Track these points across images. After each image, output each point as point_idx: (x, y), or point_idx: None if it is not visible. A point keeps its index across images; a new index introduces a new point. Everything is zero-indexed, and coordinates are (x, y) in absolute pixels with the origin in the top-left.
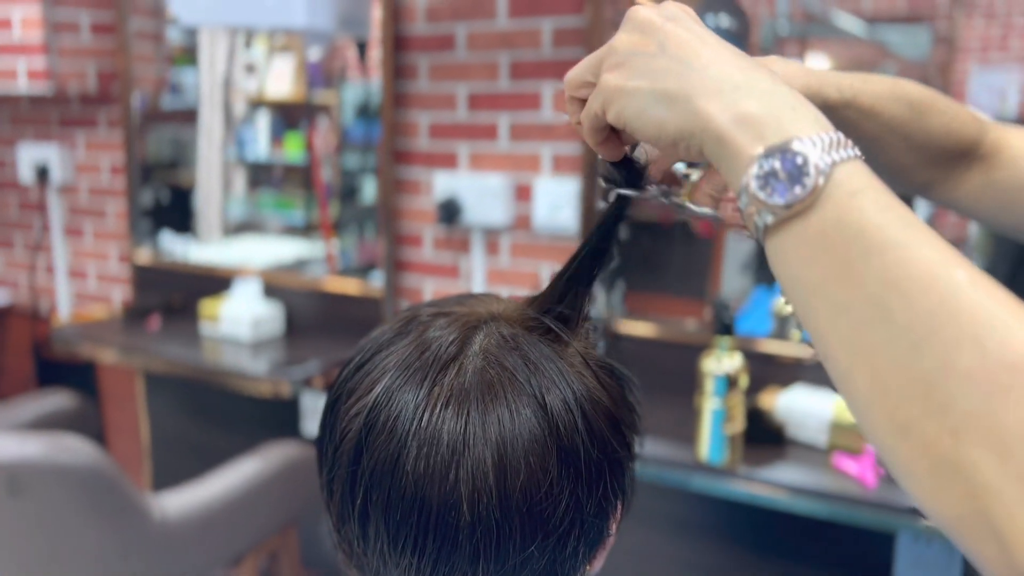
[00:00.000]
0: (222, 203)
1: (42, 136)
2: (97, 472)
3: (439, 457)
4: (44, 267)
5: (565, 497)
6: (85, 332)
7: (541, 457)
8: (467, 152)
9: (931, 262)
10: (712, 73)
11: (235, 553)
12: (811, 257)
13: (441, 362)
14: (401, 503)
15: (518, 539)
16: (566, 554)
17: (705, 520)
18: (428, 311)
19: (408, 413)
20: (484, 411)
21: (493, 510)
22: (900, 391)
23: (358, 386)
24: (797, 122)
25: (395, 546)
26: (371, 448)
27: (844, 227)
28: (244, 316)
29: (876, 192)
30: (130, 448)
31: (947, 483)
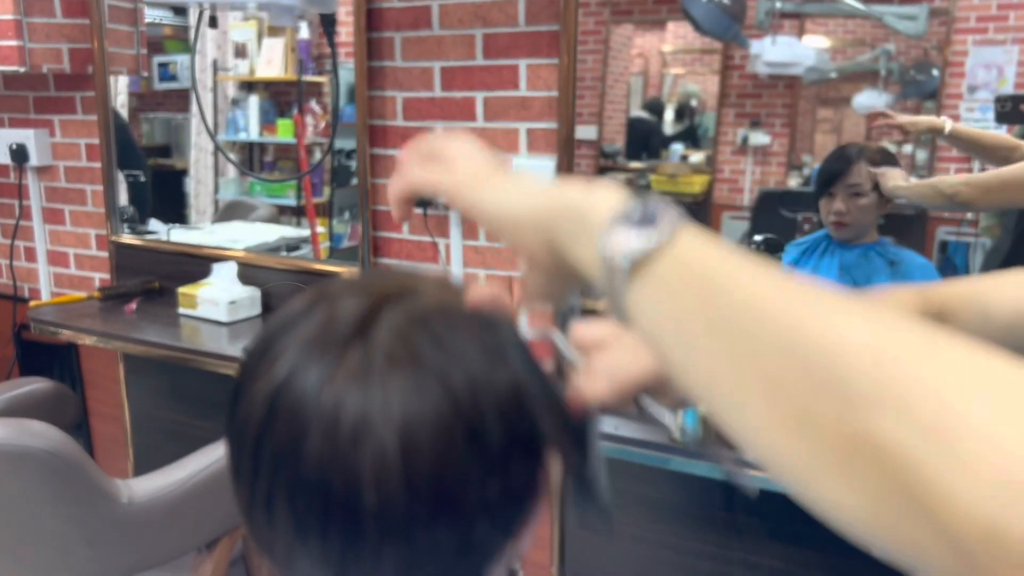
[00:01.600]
0: (214, 186)
1: (18, 118)
2: (60, 456)
3: (341, 440)
4: (24, 250)
5: (472, 478)
6: (63, 314)
7: (446, 439)
8: (443, 130)
9: (777, 283)
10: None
11: (208, 537)
12: (668, 301)
13: (345, 338)
14: (304, 489)
15: (425, 521)
16: (477, 535)
17: (682, 500)
18: (337, 287)
19: (310, 394)
20: (387, 390)
21: (398, 493)
22: (786, 391)
23: (261, 368)
24: (634, 196)
25: (300, 532)
26: (273, 432)
27: (694, 268)
28: (221, 299)
29: (712, 241)
30: (113, 431)
31: (860, 465)
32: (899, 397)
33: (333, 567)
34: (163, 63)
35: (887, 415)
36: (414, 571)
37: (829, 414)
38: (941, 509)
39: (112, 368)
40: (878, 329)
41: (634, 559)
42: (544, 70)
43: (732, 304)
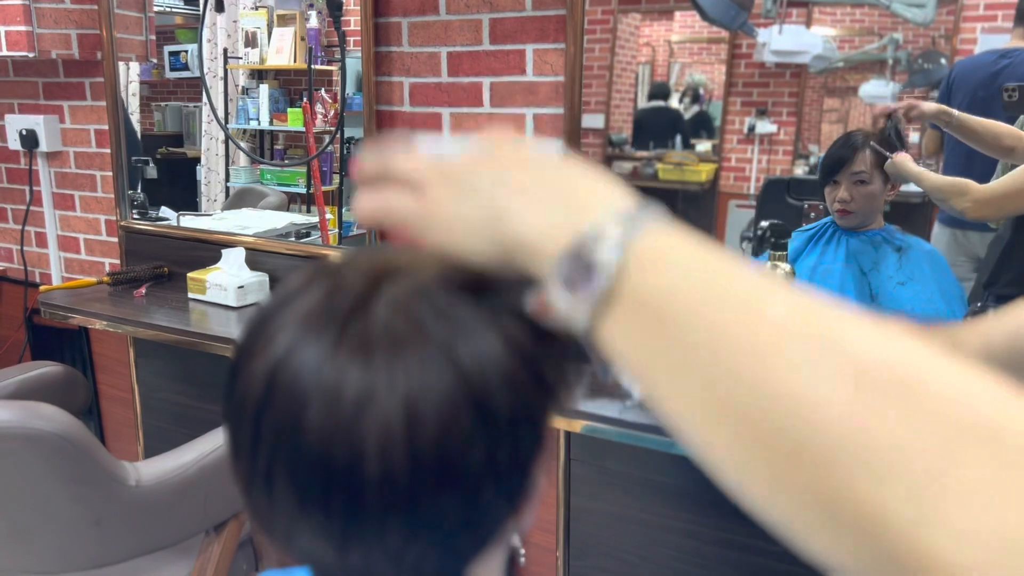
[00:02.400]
0: (225, 174)
1: (29, 104)
2: (68, 439)
3: (343, 412)
4: (35, 236)
5: (478, 450)
6: (73, 299)
7: (451, 409)
8: (449, 116)
9: (740, 310)
10: (506, 186)
11: (216, 520)
12: (635, 344)
13: (345, 312)
14: (306, 462)
15: (430, 494)
16: (482, 508)
17: (688, 484)
18: (336, 263)
19: (310, 367)
20: (391, 362)
21: (402, 464)
22: (759, 452)
23: (259, 343)
24: (584, 213)
25: (302, 506)
26: (273, 406)
27: (651, 307)
28: (229, 283)
29: (676, 256)
30: (124, 415)
31: (836, 524)
32: (875, 460)
33: (335, 541)
34: (174, 52)
35: (864, 478)
36: (417, 544)
37: (802, 476)
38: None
39: (122, 352)
40: (849, 380)
41: (639, 543)
42: (551, 55)
43: (693, 352)
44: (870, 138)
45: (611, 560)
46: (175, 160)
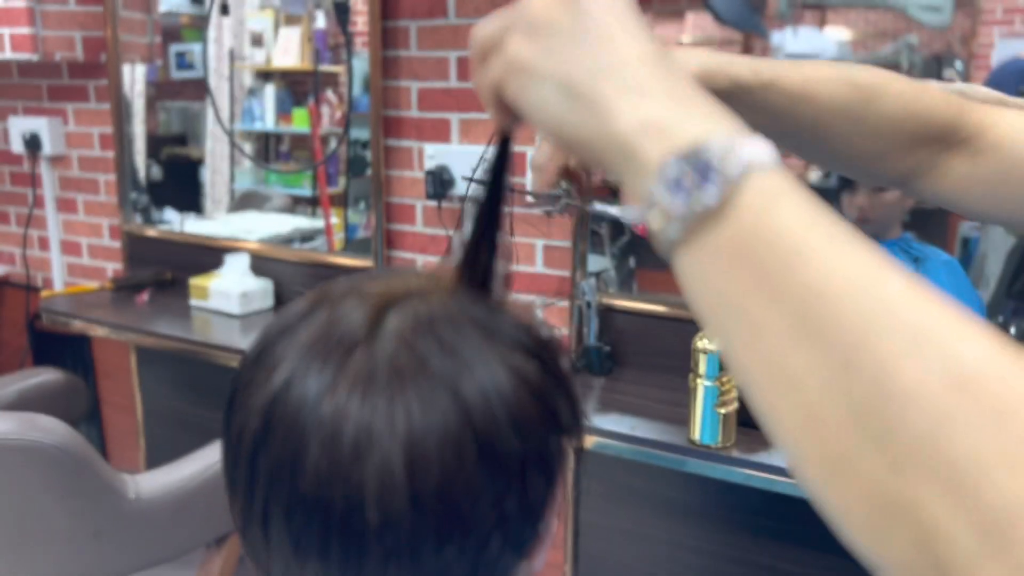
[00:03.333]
0: (230, 176)
1: (32, 107)
2: (66, 451)
3: (342, 453)
4: (38, 240)
5: (485, 494)
6: (74, 305)
7: (456, 451)
8: (458, 121)
9: (860, 272)
10: (622, 71)
11: (216, 533)
12: (725, 272)
13: (346, 346)
14: (302, 505)
15: (433, 542)
16: (491, 556)
17: (697, 501)
18: (339, 289)
19: (309, 404)
20: (392, 401)
21: (403, 511)
22: (831, 420)
23: (258, 375)
24: (707, 124)
25: (297, 552)
26: (269, 444)
27: (760, 236)
28: (233, 290)
29: (796, 197)
30: (126, 423)
31: (890, 526)
32: (953, 479)
33: None
34: (180, 52)
35: (940, 497)
36: None
37: (869, 469)
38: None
39: (124, 359)
40: (951, 382)
41: (648, 560)
42: None
43: (793, 304)
44: None
45: (611, 572)
46: (179, 161)
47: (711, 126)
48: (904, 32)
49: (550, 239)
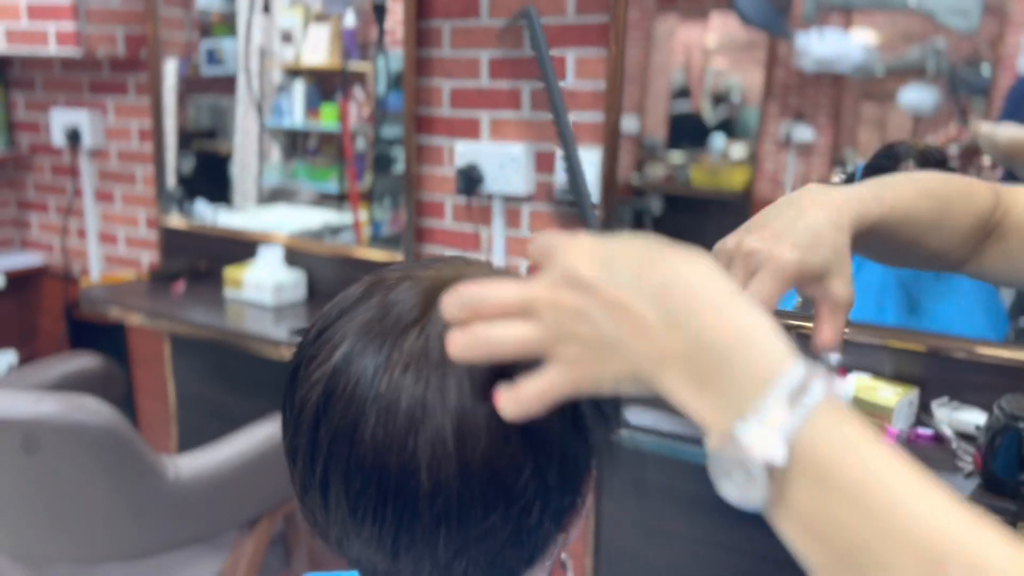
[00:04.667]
0: (258, 171)
1: (74, 101)
2: (111, 432)
3: (397, 424)
4: (76, 230)
5: (528, 466)
6: (112, 294)
7: (503, 425)
8: (489, 120)
9: (925, 549)
10: (674, 363)
11: (249, 516)
12: (804, 542)
13: (401, 326)
14: (360, 472)
15: (480, 508)
16: (531, 523)
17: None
18: (393, 275)
19: (367, 379)
20: (444, 377)
21: (453, 478)
22: None
23: (318, 352)
24: (750, 391)
25: (355, 515)
26: (330, 415)
27: (823, 518)
28: (266, 282)
29: (848, 461)
30: (158, 410)
31: None
32: None
33: (387, 551)
34: (210, 49)
35: None
36: (466, 557)
37: None
38: None
39: (158, 347)
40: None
41: (671, 554)
42: (591, 61)
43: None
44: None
45: (641, 571)
46: (208, 155)
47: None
48: (931, 36)
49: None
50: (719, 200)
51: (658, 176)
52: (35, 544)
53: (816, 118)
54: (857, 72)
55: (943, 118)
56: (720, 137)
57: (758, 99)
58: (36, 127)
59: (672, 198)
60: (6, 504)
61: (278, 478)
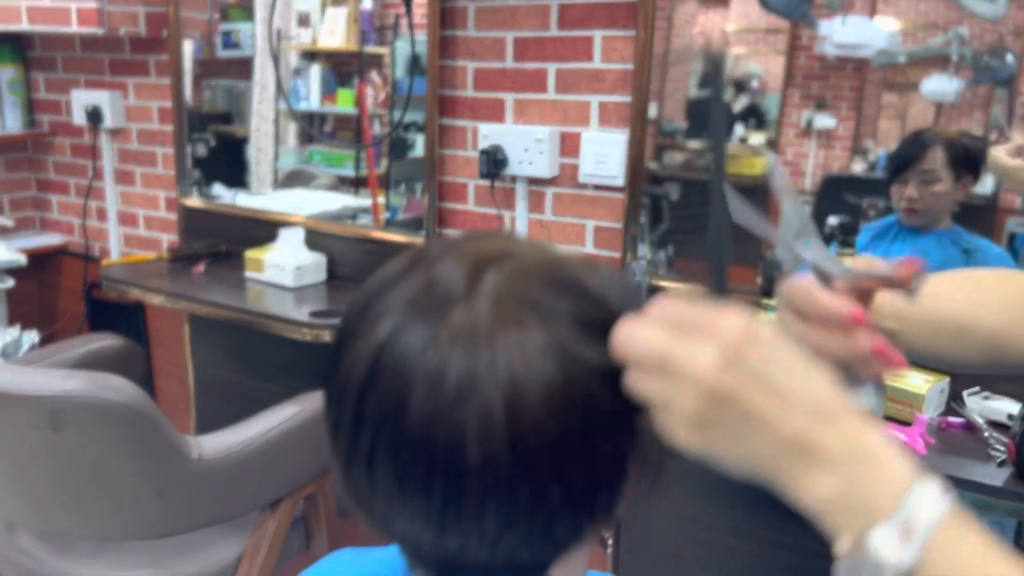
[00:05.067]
0: (274, 155)
1: (94, 81)
2: (136, 410)
3: (446, 398)
4: (96, 211)
5: (579, 440)
6: (132, 274)
7: (553, 399)
8: (513, 101)
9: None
10: (788, 454)
11: (271, 496)
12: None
13: (449, 300)
14: (408, 446)
15: (529, 483)
16: (580, 498)
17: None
18: (437, 249)
19: (414, 353)
20: (494, 350)
21: (502, 453)
22: None
23: (363, 326)
24: (889, 498)
25: (401, 490)
26: (376, 389)
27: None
28: (287, 263)
29: (971, 567)
30: (177, 390)
31: None
32: None
33: (434, 526)
34: (227, 31)
35: None
36: (514, 532)
37: None
38: None
39: (178, 328)
40: None
41: (692, 541)
42: (619, 42)
43: None
44: (941, 137)
45: (661, 556)
46: (224, 139)
47: (878, 501)
48: (955, 23)
49: (601, 220)
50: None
51: (677, 163)
52: (60, 521)
53: (837, 106)
54: (880, 59)
55: (966, 108)
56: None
57: (778, 86)
58: (57, 107)
59: (690, 185)
60: (32, 481)
61: (300, 460)
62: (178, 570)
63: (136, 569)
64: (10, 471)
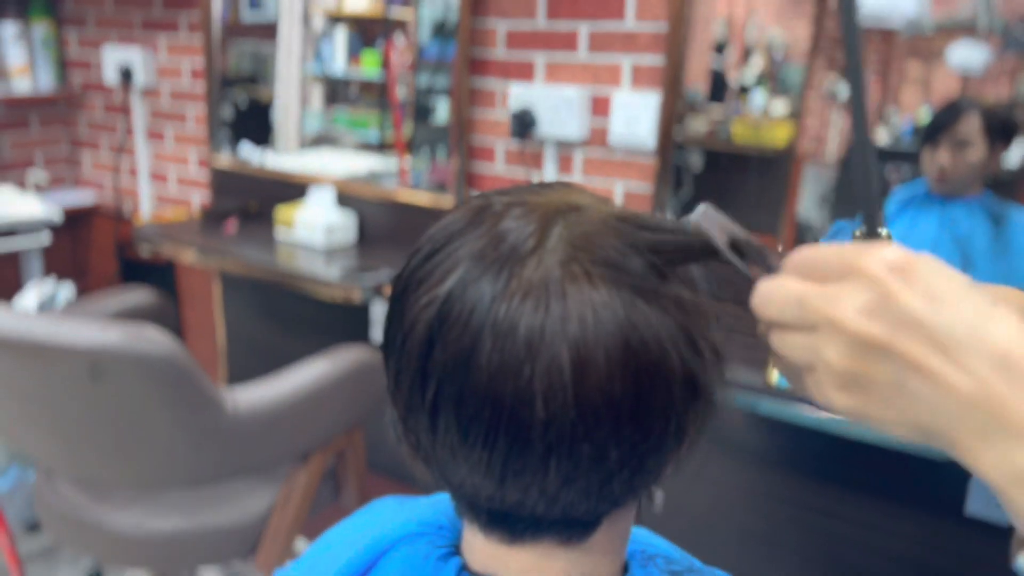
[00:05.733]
0: (299, 117)
1: (126, 38)
2: (174, 362)
3: (514, 351)
4: (127, 169)
5: (644, 398)
6: (165, 232)
7: (621, 356)
8: (544, 62)
9: None
10: (968, 415)
11: (303, 449)
12: None
13: (519, 254)
14: (473, 398)
15: (592, 439)
16: (641, 455)
17: (772, 445)
18: (501, 200)
19: (483, 306)
20: (564, 306)
21: (568, 408)
22: None
23: (429, 276)
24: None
25: (465, 440)
26: (444, 340)
27: None
28: (318, 223)
29: None
30: (206, 347)
31: None
32: None
33: (495, 477)
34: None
35: None
36: (575, 486)
37: None
38: None
39: (207, 287)
40: None
41: (710, 500)
42: (653, 2)
43: None
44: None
45: (680, 515)
46: (249, 102)
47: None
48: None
49: (631, 183)
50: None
51: (699, 131)
52: (98, 470)
53: None
54: (907, 28)
55: (991, 79)
56: (761, 92)
57: (801, 54)
58: (88, 65)
59: (713, 154)
60: (71, 430)
61: (332, 414)
62: (211, 519)
63: (170, 517)
64: (50, 421)
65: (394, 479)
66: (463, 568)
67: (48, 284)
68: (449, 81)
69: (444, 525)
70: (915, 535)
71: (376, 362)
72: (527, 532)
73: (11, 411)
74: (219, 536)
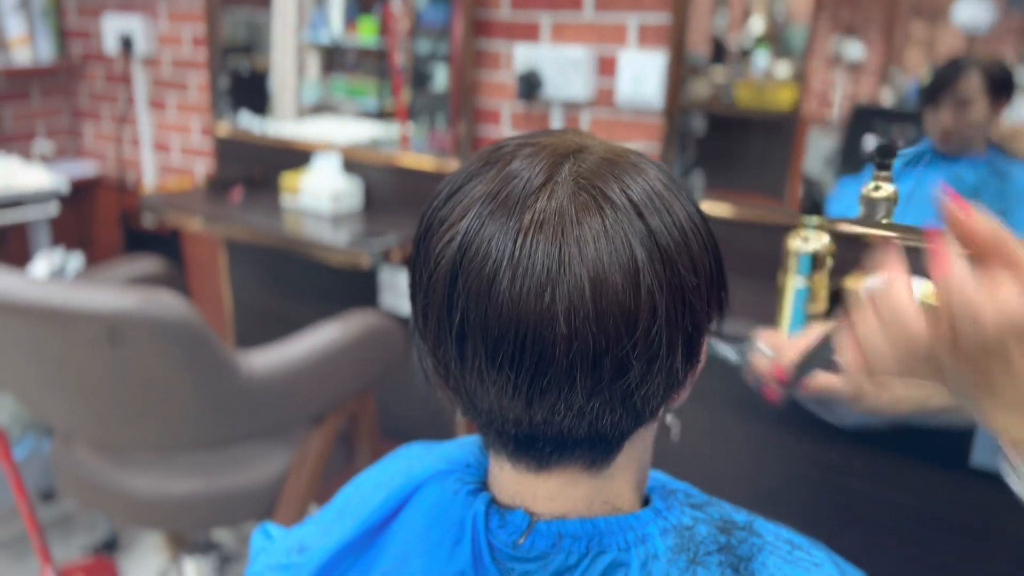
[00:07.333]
0: (296, 86)
1: (126, 6)
2: (190, 326)
3: (534, 280)
4: (130, 139)
5: (661, 314)
6: (171, 202)
7: (639, 274)
8: (549, 22)
9: None
10: None
11: (316, 412)
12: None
13: (531, 189)
14: (498, 322)
15: (614, 353)
16: (660, 371)
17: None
18: (513, 142)
19: (500, 240)
20: (580, 232)
21: (589, 324)
22: None
23: (449, 214)
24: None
25: (493, 363)
26: (466, 271)
27: None
28: (324, 189)
29: None
30: (213, 316)
31: None
32: None
33: (522, 398)
34: None
35: None
36: (600, 398)
37: None
38: None
39: (213, 256)
40: None
41: (721, 455)
42: None
43: None
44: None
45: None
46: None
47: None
48: None
49: (638, 143)
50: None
51: (702, 95)
52: (116, 433)
53: (868, 34)
54: None
55: (998, 36)
56: (763, 54)
57: (804, 14)
58: (87, 34)
59: (716, 118)
60: (89, 395)
61: (345, 376)
62: (228, 481)
63: (188, 480)
64: (69, 385)
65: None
66: (492, 502)
67: (58, 254)
68: (448, 47)
69: (471, 463)
70: (921, 487)
71: (387, 326)
72: (553, 455)
73: (31, 377)
74: (235, 498)
